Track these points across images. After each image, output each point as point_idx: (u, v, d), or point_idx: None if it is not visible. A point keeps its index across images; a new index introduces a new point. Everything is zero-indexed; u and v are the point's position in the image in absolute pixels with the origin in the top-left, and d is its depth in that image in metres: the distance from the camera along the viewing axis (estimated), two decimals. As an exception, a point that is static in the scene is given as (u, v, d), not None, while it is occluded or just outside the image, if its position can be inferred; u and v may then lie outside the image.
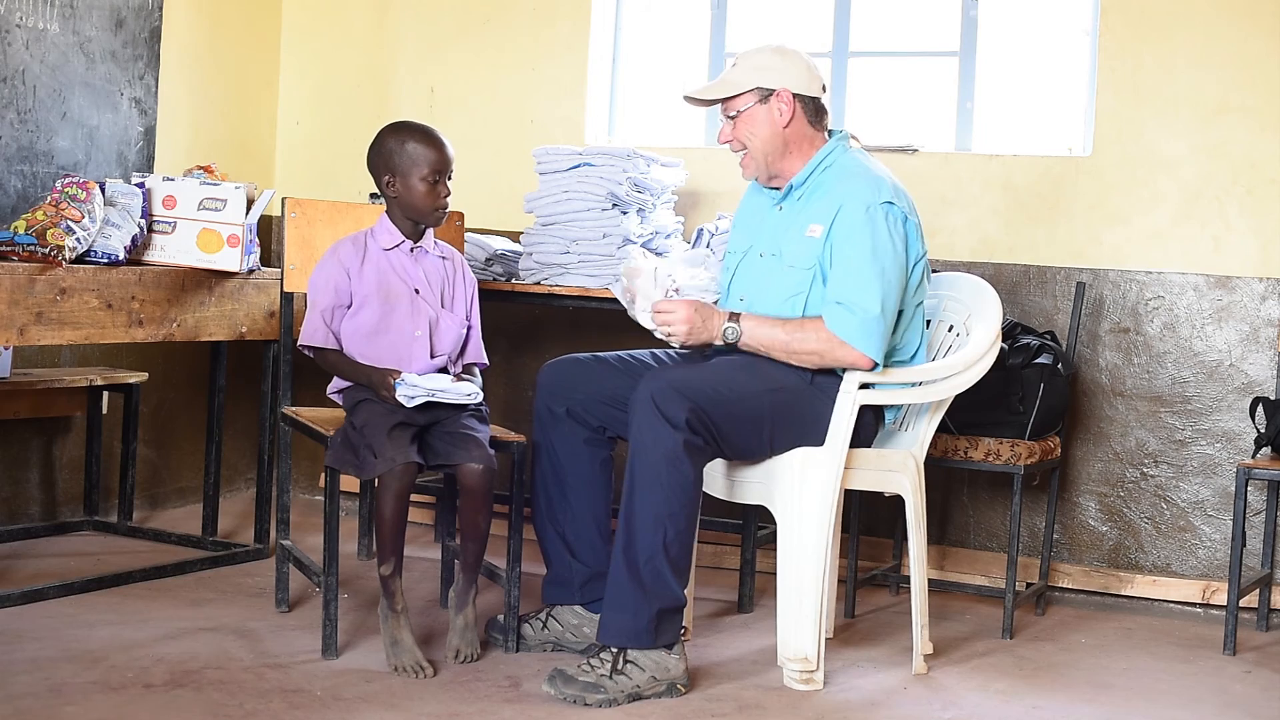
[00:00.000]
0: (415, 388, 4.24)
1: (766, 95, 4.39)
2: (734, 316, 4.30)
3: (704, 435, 4.11)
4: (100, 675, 4.02)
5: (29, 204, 5.26)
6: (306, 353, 4.51)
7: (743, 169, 4.51)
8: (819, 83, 4.46)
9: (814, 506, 4.26)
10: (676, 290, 4.39)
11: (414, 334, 4.46)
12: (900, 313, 4.36)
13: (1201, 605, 5.41)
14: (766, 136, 4.40)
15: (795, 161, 4.45)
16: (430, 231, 4.57)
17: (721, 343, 4.29)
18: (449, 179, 4.49)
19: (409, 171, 4.43)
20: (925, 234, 5.58)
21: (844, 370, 4.29)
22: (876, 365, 4.26)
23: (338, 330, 4.46)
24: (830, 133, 4.51)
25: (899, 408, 4.58)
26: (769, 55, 4.44)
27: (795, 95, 4.39)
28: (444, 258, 4.61)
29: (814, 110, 4.45)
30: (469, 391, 4.33)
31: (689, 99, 4.55)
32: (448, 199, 4.50)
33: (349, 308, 4.45)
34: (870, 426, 4.46)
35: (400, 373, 4.27)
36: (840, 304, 4.24)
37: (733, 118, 4.43)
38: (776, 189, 4.50)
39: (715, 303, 4.47)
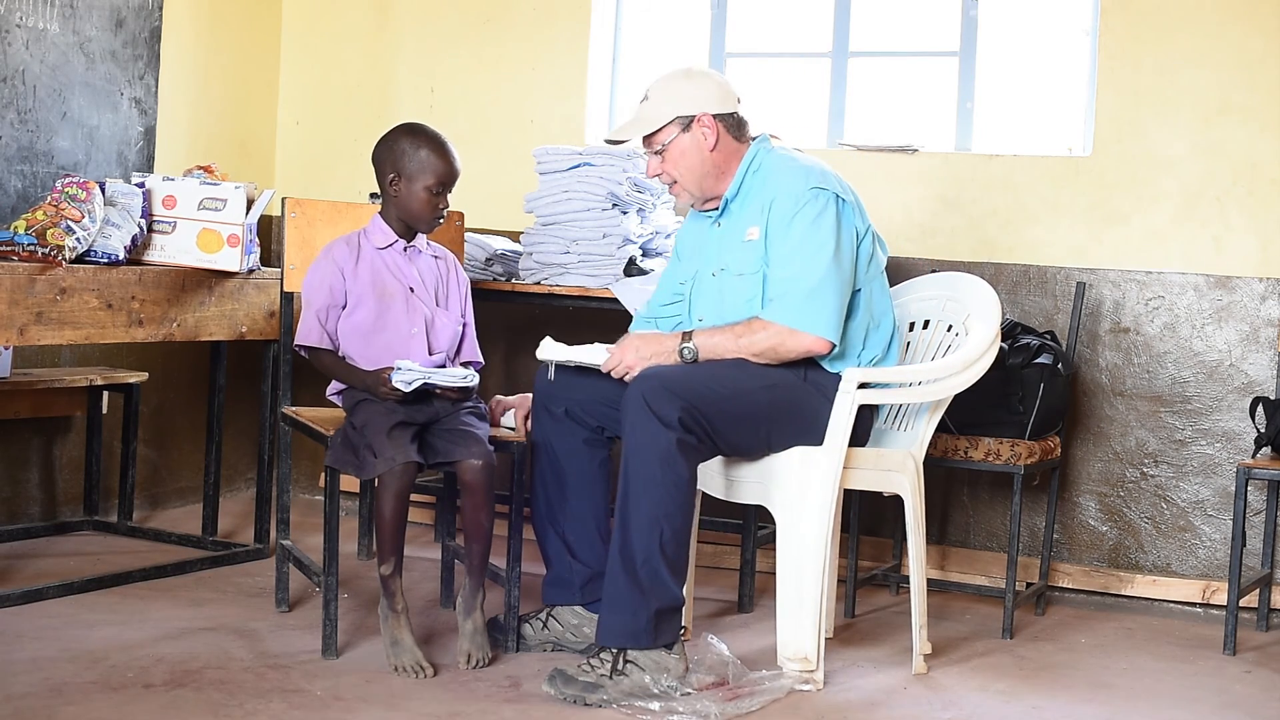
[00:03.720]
0: (411, 371, 4.24)
1: (688, 123, 4.37)
2: (686, 335, 4.30)
3: (698, 433, 4.11)
4: (100, 675, 4.02)
5: (29, 204, 5.26)
6: (301, 353, 4.51)
7: (676, 198, 4.52)
8: (734, 97, 4.44)
9: (813, 506, 4.25)
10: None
11: (410, 332, 4.46)
12: (858, 291, 4.35)
13: (1202, 605, 5.41)
14: (695, 164, 4.39)
15: (726, 180, 4.44)
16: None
17: (680, 363, 4.27)
18: (449, 191, 4.51)
19: (415, 177, 4.44)
20: (926, 234, 5.62)
21: (832, 365, 4.29)
22: (834, 346, 4.25)
23: (333, 330, 4.46)
24: (752, 139, 4.50)
25: (891, 403, 4.59)
26: (680, 81, 4.42)
27: (715, 116, 4.38)
28: (437, 257, 4.63)
29: (736, 126, 4.43)
30: (464, 374, 4.34)
31: (610, 142, 4.57)
32: (445, 211, 4.52)
33: (344, 307, 4.46)
34: (865, 423, 4.46)
35: (393, 366, 4.27)
36: (777, 296, 4.26)
37: (659, 152, 4.41)
38: (713, 209, 4.49)
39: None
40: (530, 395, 4.64)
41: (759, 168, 4.42)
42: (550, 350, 4.42)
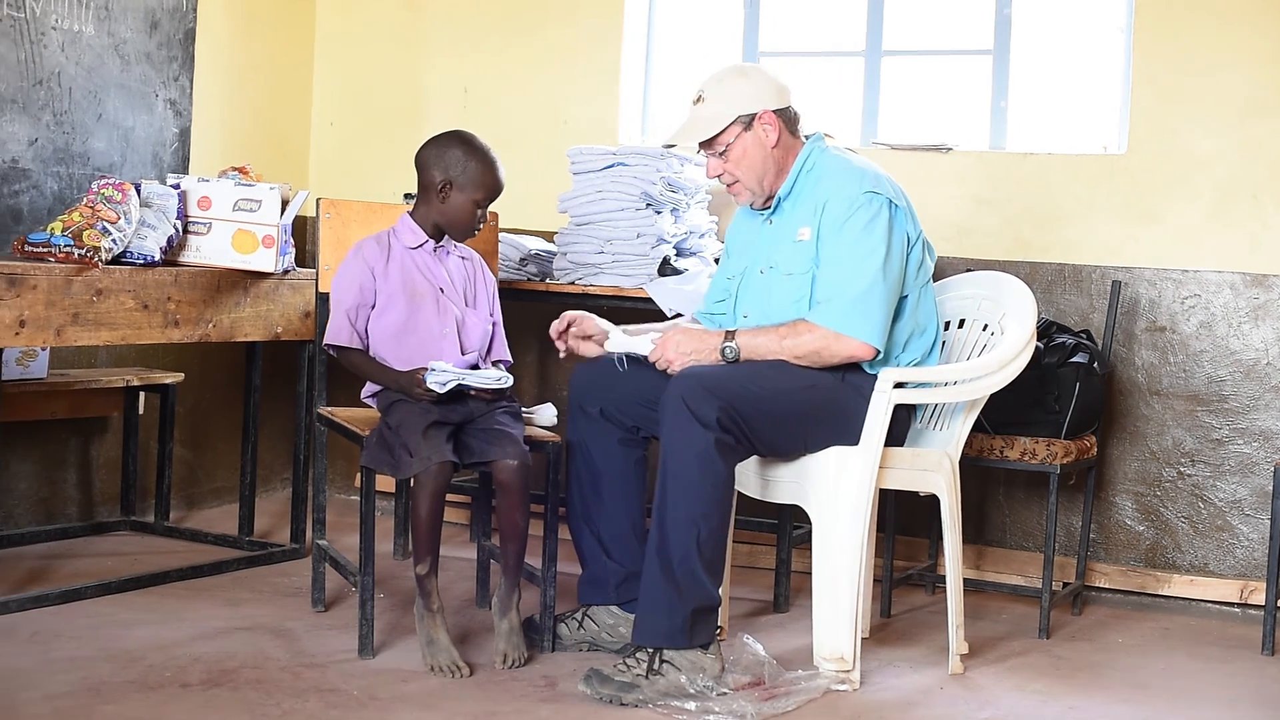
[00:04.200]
0: (445, 373, 4.25)
1: (749, 121, 4.37)
2: (729, 334, 4.30)
3: (735, 434, 4.11)
4: (138, 675, 4.04)
5: (65, 205, 5.28)
6: (330, 352, 4.52)
7: (736, 197, 4.51)
8: (788, 91, 4.45)
9: (849, 506, 4.25)
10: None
11: (441, 332, 4.47)
12: (905, 298, 4.35)
13: (1239, 605, 5.38)
14: (758, 162, 4.39)
15: (784, 177, 4.44)
16: None
17: (722, 362, 4.27)
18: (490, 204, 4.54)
19: (465, 188, 4.46)
20: (961, 234, 5.60)
21: (873, 367, 4.28)
22: (879, 352, 4.25)
23: (363, 330, 4.47)
24: (805, 137, 4.50)
25: (928, 404, 4.57)
26: (736, 79, 4.42)
27: (775, 113, 4.39)
28: (464, 258, 4.64)
29: (792, 121, 4.44)
30: (499, 376, 4.34)
31: (670, 145, 4.57)
32: (483, 224, 4.53)
33: (374, 307, 4.47)
34: (903, 423, 4.45)
35: (426, 367, 4.28)
36: (824, 300, 4.25)
37: (722, 153, 4.41)
38: (766, 207, 4.50)
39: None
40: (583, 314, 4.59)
41: (813, 167, 4.41)
42: (617, 342, 4.41)
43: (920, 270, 4.39)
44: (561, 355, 4.54)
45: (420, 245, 4.53)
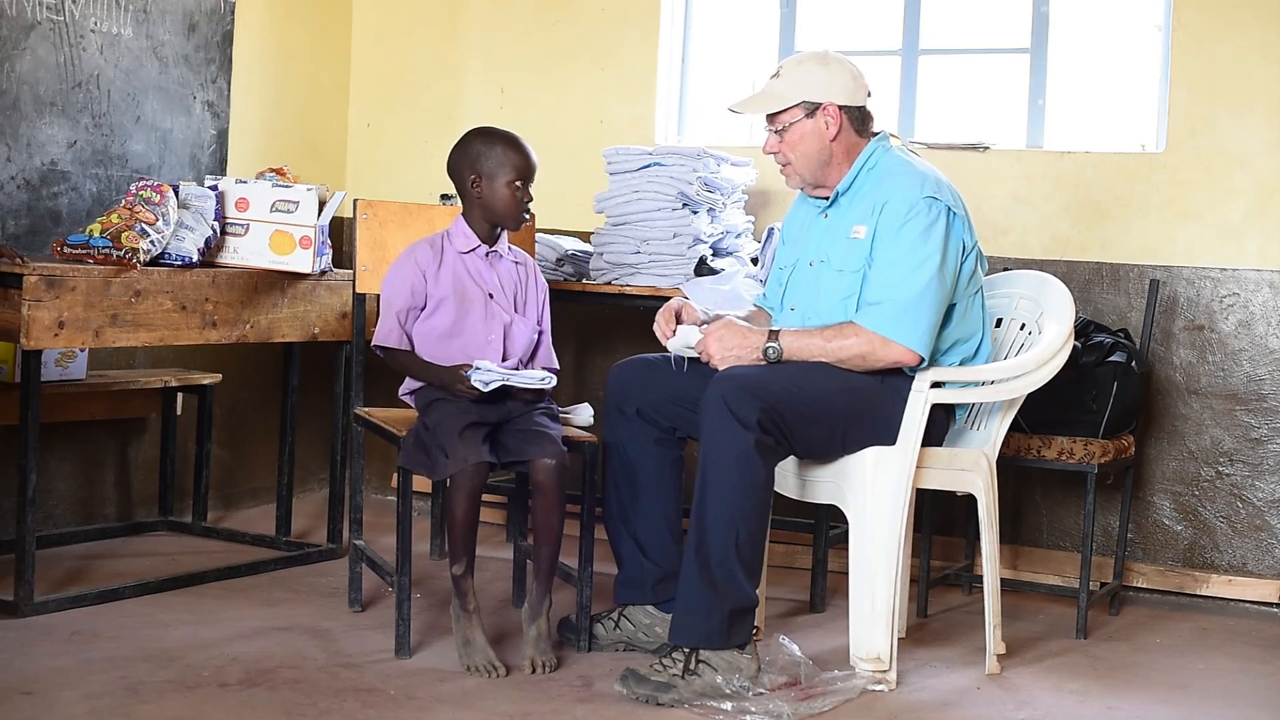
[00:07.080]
0: (490, 372, 4.26)
1: (813, 109, 4.37)
2: (773, 334, 4.28)
3: (775, 435, 4.10)
4: (176, 674, 4.05)
5: (104, 207, 5.31)
6: (379, 353, 4.53)
7: (786, 178, 4.50)
8: (864, 91, 4.44)
9: (886, 506, 4.24)
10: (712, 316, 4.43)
11: (487, 337, 4.47)
12: (954, 306, 4.33)
13: (1278, 605, 5.35)
14: (813, 150, 4.39)
15: (840, 170, 4.43)
16: (504, 236, 4.58)
17: (764, 362, 4.26)
18: (530, 184, 4.51)
19: (495, 174, 4.45)
20: (998, 232, 5.58)
21: (913, 370, 4.27)
22: (923, 360, 4.24)
23: (411, 331, 4.47)
24: (873, 133, 4.49)
25: (968, 405, 4.56)
26: (813, 66, 4.41)
27: (841, 108, 4.38)
28: (517, 263, 4.63)
29: (860, 119, 4.43)
30: (541, 377, 4.34)
31: (734, 110, 4.55)
32: (530, 205, 4.52)
33: (423, 309, 4.47)
34: (941, 424, 4.44)
35: (471, 364, 4.28)
36: (874, 302, 4.24)
37: (779, 131, 4.41)
38: (822, 198, 4.48)
39: (747, 318, 4.49)
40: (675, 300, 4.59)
41: (874, 166, 4.40)
42: (678, 341, 4.38)
43: (971, 280, 4.37)
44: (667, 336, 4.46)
45: (472, 249, 4.53)
